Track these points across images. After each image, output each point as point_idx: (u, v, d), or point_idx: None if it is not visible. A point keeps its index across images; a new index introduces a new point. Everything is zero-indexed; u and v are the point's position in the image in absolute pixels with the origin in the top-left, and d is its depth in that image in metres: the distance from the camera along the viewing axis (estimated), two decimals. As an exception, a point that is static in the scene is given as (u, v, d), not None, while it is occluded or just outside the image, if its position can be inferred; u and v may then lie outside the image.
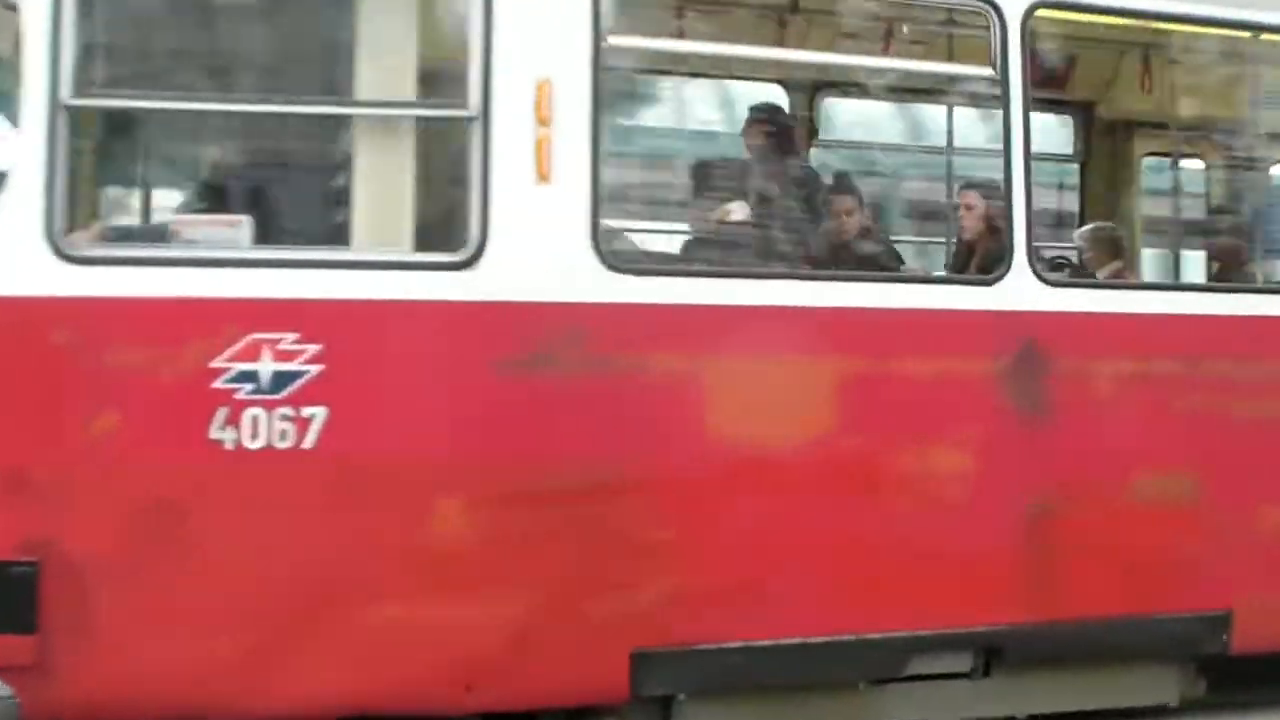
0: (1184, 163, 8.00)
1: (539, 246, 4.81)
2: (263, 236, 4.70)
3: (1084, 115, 7.96)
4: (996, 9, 5.45)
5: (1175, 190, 7.92)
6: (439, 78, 4.85)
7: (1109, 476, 5.58)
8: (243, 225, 4.63)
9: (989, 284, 5.43)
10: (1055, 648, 5.54)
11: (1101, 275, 7.06)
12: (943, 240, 7.28)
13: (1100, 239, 7.42)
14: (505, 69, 4.79)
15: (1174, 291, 6.44)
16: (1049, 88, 7.22)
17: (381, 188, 4.78)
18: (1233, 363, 5.82)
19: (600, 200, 4.89)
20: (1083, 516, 5.52)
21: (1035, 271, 5.46)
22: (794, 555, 5.11)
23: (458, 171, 4.78)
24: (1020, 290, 5.42)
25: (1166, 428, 5.72)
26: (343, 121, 4.81)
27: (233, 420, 4.53)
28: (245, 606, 4.55)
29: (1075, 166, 7.96)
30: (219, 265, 4.57)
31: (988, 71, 5.44)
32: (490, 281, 4.75)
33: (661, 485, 4.95)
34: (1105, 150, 7.99)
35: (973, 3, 5.43)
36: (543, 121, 4.84)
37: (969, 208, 6.26)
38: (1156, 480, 5.68)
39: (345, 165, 4.76)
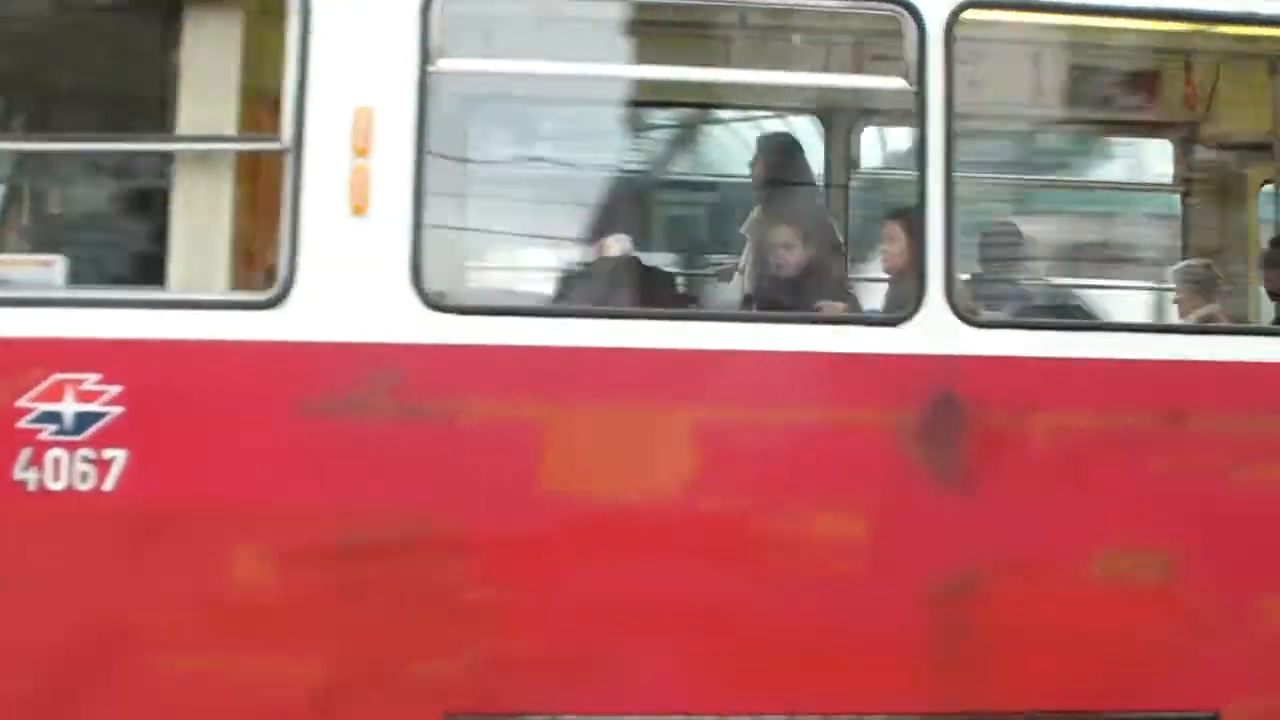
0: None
1: (352, 283, 4.61)
2: (80, 276, 4.76)
3: (1184, 138, 6.98)
4: (914, 12, 4.84)
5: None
6: (263, 110, 4.76)
7: (1051, 553, 4.81)
8: (56, 265, 4.69)
9: (894, 324, 4.81)
10: None
11: (1191, 321, 6.19)
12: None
13: (1190, 278, 6.50)
14: (321, 98, 4.60)
15: (1148, 334, 5.49)
16: (1130, 108, 6.41)
17: (199, 225, 4.72)
18: (1228, 418, 4.94)
19: (422, 235, 4.67)
20: (1014, 597, 4.80)
21: (956, 309, 4.80)
22: (641, 625, 4.66)
23: (275, 207, 4.69)
24: (935, 331, 4.77)
25: (1133, 496, 4.89)
26: (167, 158, 4.80)
27: (36, 461, 4.56)
28: (45, 651, 4.60)
29: (1175, 197, 6.99)
30: (26, 305, 4.66)
31: (901, 84, 4.85)
32: (297, 321, 4.58)
33: (485, 542, 4.62)
34: (1211, 178, 6.98)
35: (885, 6, 4.85)
36: (360, 152, 4.64)
37: (892, 239, 5.56)
38: (1119, 558, 4.88)
39: (166, 203, 4.76)
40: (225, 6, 4.70)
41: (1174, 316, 6.41)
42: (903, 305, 4.86)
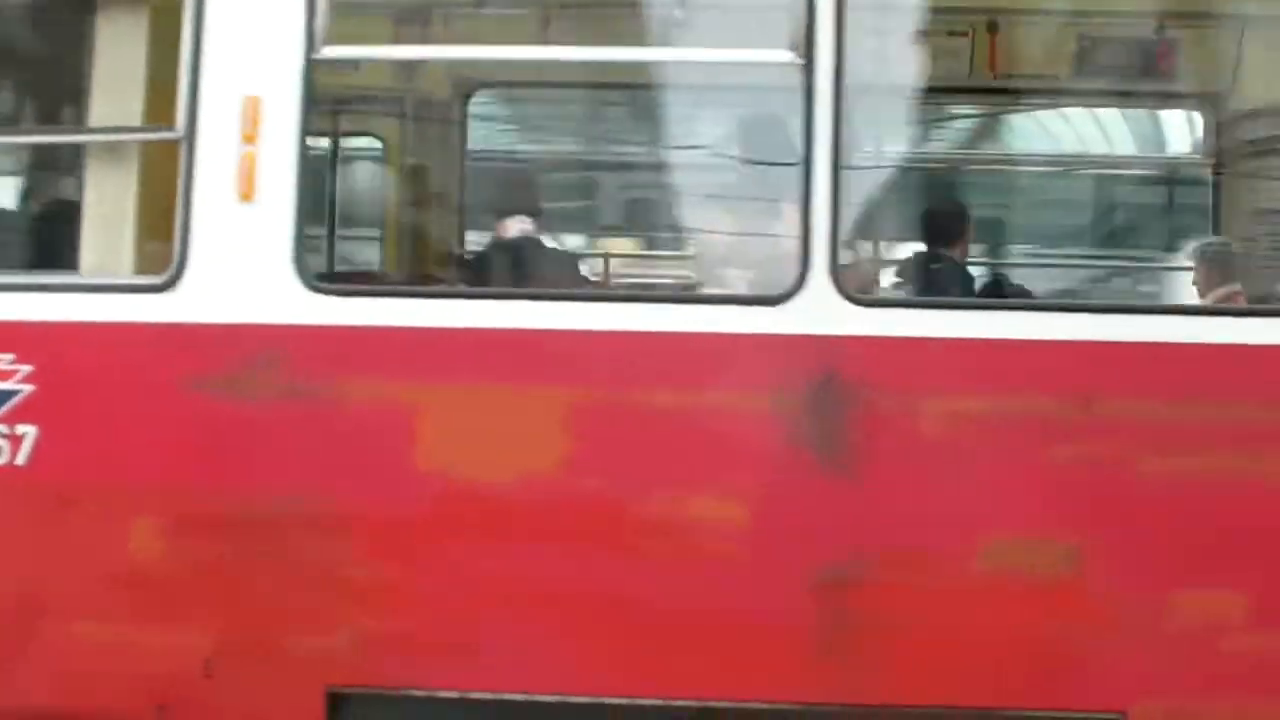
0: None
1: (240, 267, 4.79)
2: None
3: (1213, 108, 6.54)
4: None
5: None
6: (165, 102, 4.96)
7: (941, 540, 4.66)
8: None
9: (773, 303, 4.71)
10: None
11: (1210, 301, 5.87)
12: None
13: (1208, 257, 6.14)
14: (213, 87, 4.80)
15: (1050, 313, 5.16)
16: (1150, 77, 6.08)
17: (108, 213, 4.98)
18: (1140, 402, 4.66)
19: (304, 219, 4.81)
20: (900, 586, 4.65)
21: (841, 288, 4.67)
22: (518, 605, 4.72)
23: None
24: (817, 311, 4.65)
25: (1031, 484, 4.67)
26: (81, 149, 5.06)
27: None
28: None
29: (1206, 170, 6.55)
30: None
31: (789, 57, 4.72)
32: (189, 303, 4.79)
33: (364, 520, 4.74)
34: (1245, 148, 6.52)
35: None
36: (248, 140, 4.82)
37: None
38: (1014, 548, 4.66)
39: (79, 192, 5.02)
40: (132, 3, 4.98)
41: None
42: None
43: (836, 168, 4.64)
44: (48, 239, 5.29)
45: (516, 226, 5.30)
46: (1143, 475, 4.60)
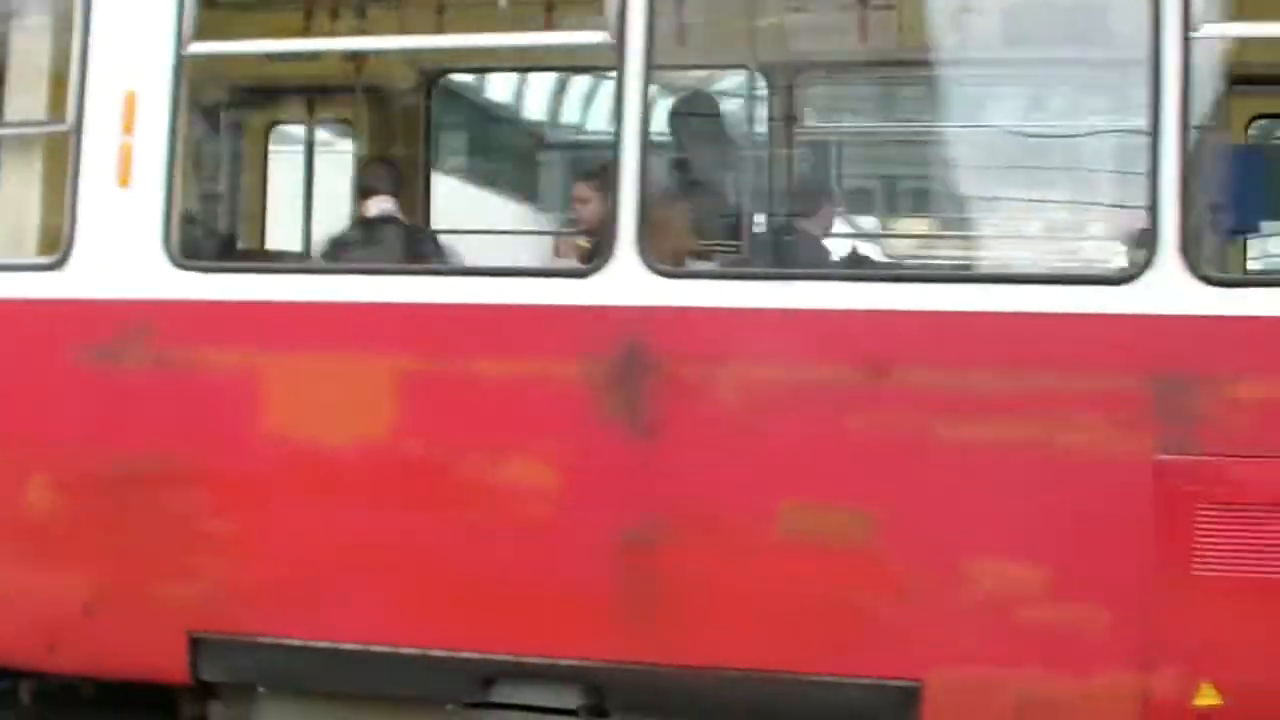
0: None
1: (117, 247, 5.28)
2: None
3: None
4: None
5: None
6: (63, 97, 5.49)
7: (735, 505, 4.78)
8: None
9: (583, 276, 4.91)
10: (671, 697, 4.86)
11: None
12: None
13: None
14: (98, 83, 5.32)
15: (847, 282, 5.12)
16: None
17: (16, 200, 5.55)
18: (932, 371, 4.67)
19: (174, 201, 5.25)
20: (697, 550, 4.79)
21: (646, 261, 4.83)
22: (355, 559, 5.05)
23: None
24: (622, 283, 4.84)
25: (828, 451, 4.75)
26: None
27: None
28: None
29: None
30: None
31: (603, 37, 4.92)
32: (74, 281, 5.31)
33: (218, 478, 5.18)
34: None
35: None
36: (127, 130, 5.29)
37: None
38: (806, 514, 4.74)
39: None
40: (39, 6, 5.53)
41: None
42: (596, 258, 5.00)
43: (645, 145, 4.86)
44: None
45: (375, 206, 5.67)
46: (938, 444, 4.68)
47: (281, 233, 6.47)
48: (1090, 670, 4.58)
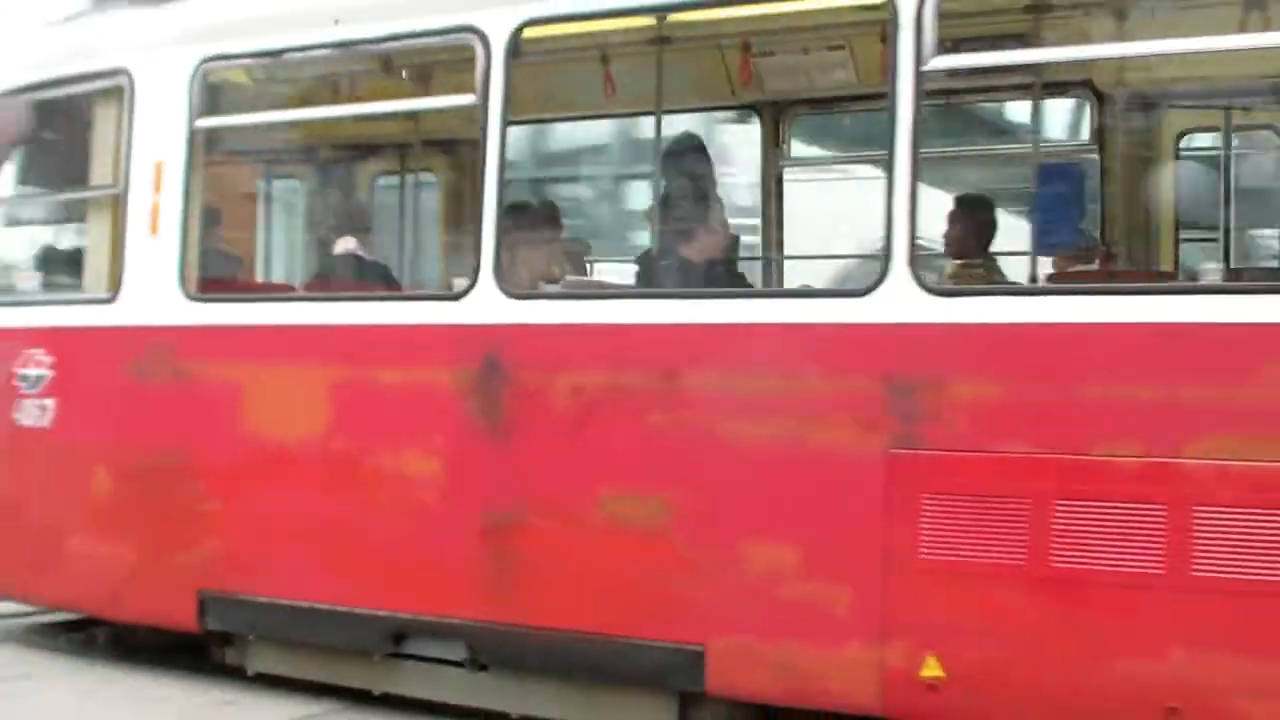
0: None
1: (149, 284, 6.69)
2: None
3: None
4: (480, 34, 5.83)
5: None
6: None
7: (568, 493, 5.64)
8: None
9: (456, 299, 5.87)
10: (527, 653, 5.75)
11: None
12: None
13: None
14: (139, 154, 6.77)
15: (649, 300, 5.65)
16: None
17: (97, 249, 7.06)
18: (714, 377, 5.32)
19: (189, 247, 6.58)
20: (541, 530, 5.68)
21: (500, 285, 5.73)
22: (304, 534, 6.27)
23: (128, 233, 6.90)
24: (483, 304, 5.78)
25: (631, 445, 5.53)
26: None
27: (18, 407, 7.22)
28: (15, 521, 7.21)
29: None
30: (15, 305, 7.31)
31: (470, 99, 5.85)
32: (122, 312, 6.78)
33: (211, 468, 6.52)
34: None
35: (456, 32, 5.88)
36: (156, 190, 6.70)
37: None
38: (619, 500, 5.51)
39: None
40: (109, 96, 7.05)
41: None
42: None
43: (501, 188, 5.80)
44: (72, 265, 7.54)
45: (342, 245, 6.82)
46: (719, 440, 5.37)
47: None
48: (837, 642, 5.18)
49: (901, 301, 5.09)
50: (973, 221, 6.11)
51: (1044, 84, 6.15)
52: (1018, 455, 4.90)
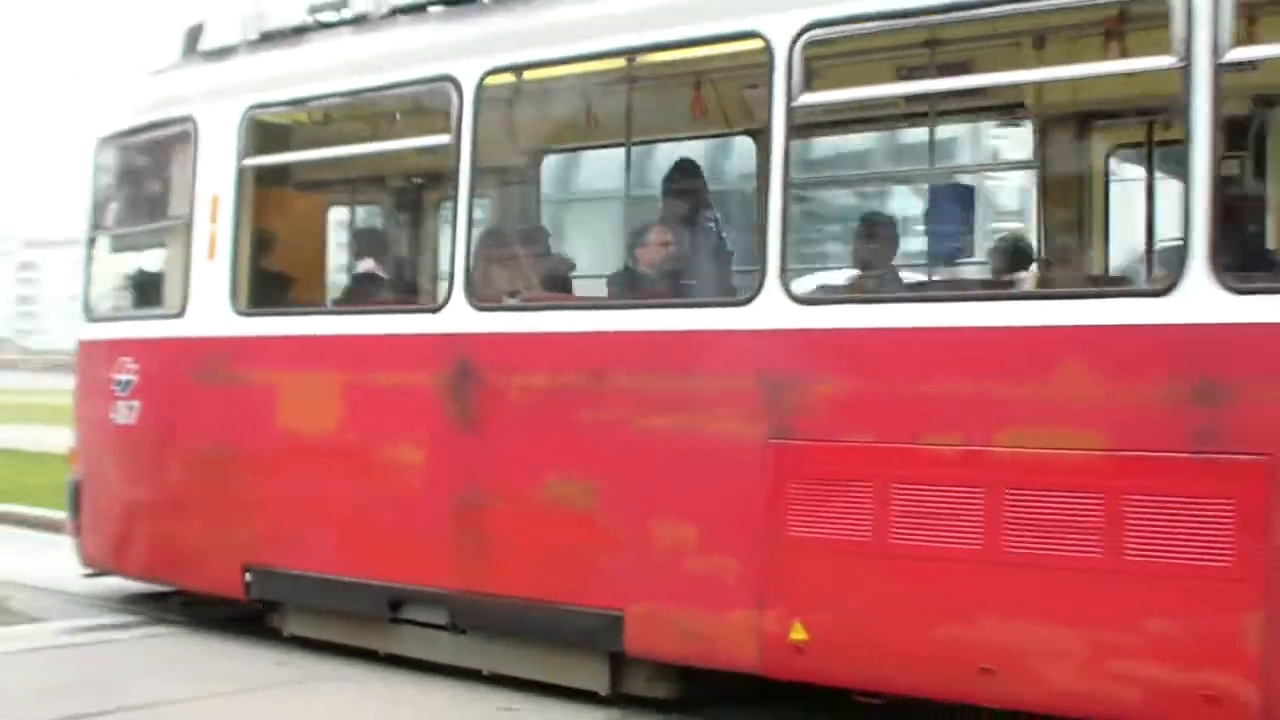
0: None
1: (208, 301, 7.80)
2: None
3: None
4: (455, 81, 6.72)
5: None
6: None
7: (520, 478, 6.54)
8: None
9: (435, 311, 6.79)
10: (491, 618, 6.65)
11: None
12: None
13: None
14: (201, 190, 7.91)
15: (582, 310, 6.35)
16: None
17: (174, 270, 8.20)
18: (631, 377, 6.09)
19: (239, 268, 7.66)
20: (501, 511, 6.59)
21: (469, 298, 6.62)
22: (323, 515, 7.31)
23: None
24: (456, 315, 6.69)
25: (568, 437, 6.40)
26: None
27: (113, 408, 8.44)
28: (114, 505, 8.43)
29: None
30: (115, 320, 8.52)
31: (446, 139, 6.76)
32: (188, 325, 7.92)
33: (255, 458, 7.58)
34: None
35: (435, 80, 6.79)
36: (213, 220, 7.81)
37: None
38: (561, 485, 6.37)
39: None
40: (182, 140, 8.21)
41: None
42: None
43: (470, 214, 6.72)
44: (155, 285, 8.73)
45: (364, 265, 7.81)
46: (635, 431, 6.16)
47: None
48: (725, 609, 5.95)
49: (774, 310, 5.84)
50: (872, 237, 6.77)
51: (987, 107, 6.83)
52: (863, 445, 5.63)
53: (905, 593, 5.53)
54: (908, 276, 6.65)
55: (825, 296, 6.15)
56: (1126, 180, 7.48)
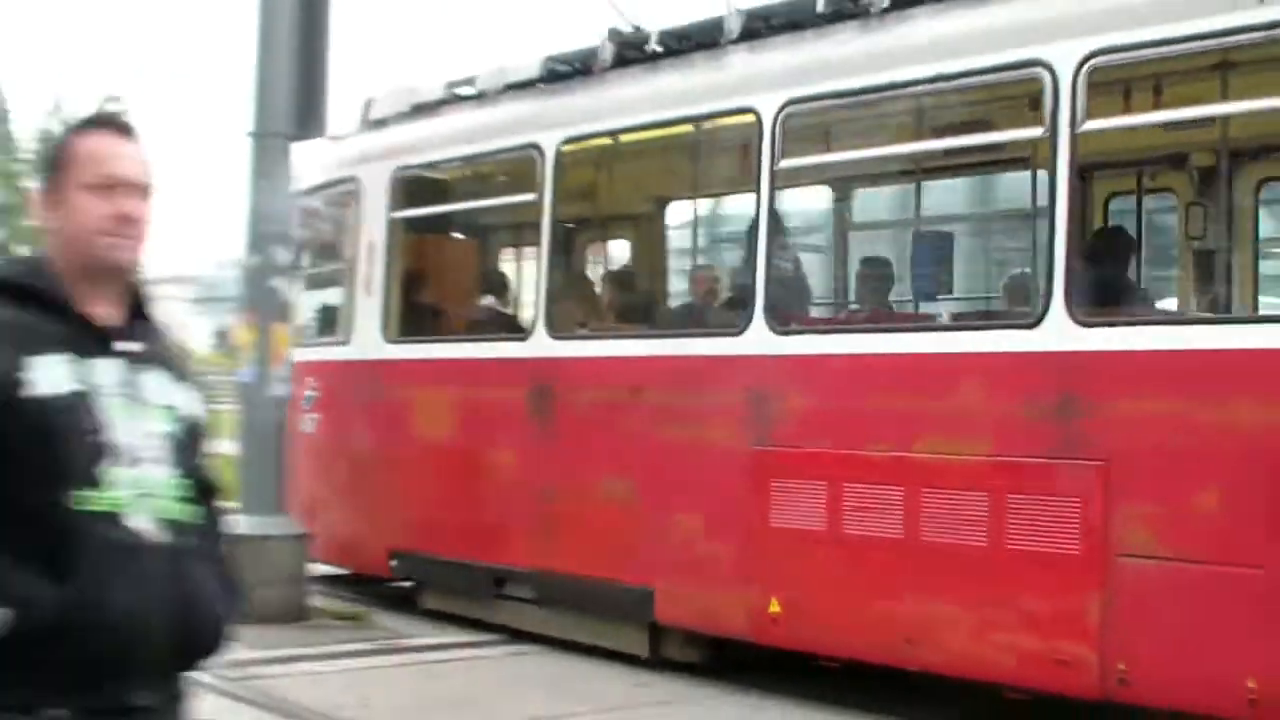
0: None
1: (366, 331, 9.44)
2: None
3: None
4: (539, 148, 8.13)
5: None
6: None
7: (582, 476, 7.82)
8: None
9: (522, 339, 8.14)
10: (561, 592, 7.96)
11: None
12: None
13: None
14: (363, 238, 9.55)
15: (623, 339, 7.54)
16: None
17: (345, 305, 9.87)
18: (661, 393, 7.33)
19: (389, 303, 9.25)
20: (567, 500, 7.95)
21: (548, 329, 8.01)
22: (444, 506, 8.78)
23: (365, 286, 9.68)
24: (538, 343, 8.12)
25: (615, 443, 7.64)
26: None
27: (303, 421, 10.18)
28: (306, 503, 10.13)
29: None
30: (304, 346, 10.28)
31: (532, 197, 8.16)
32: (352, 351, 9.59)
33: (395, 460, 9.13)
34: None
35: (522, 148, 8.21)
36: (368, 263, 9.44)
37: None
38: (610, 482, 7.66)
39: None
40: (349, 196, 9.89)
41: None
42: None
43: (555, 251, 8.14)
44: (333, 317, 10.42)
45: (486, 300, 9.28)
46: (660, 438, 7.43)
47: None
48: (722, 587, 7.19)
49: (759, 339, 7.07)
50: (869, 277, 7.88)
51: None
52: (820, 451, 6.79)
53: (850, 575, 6.70)
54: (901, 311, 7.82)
55: (799, 328, 7.34)
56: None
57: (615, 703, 7.22)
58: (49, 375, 2.39)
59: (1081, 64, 6.03)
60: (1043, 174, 6.43)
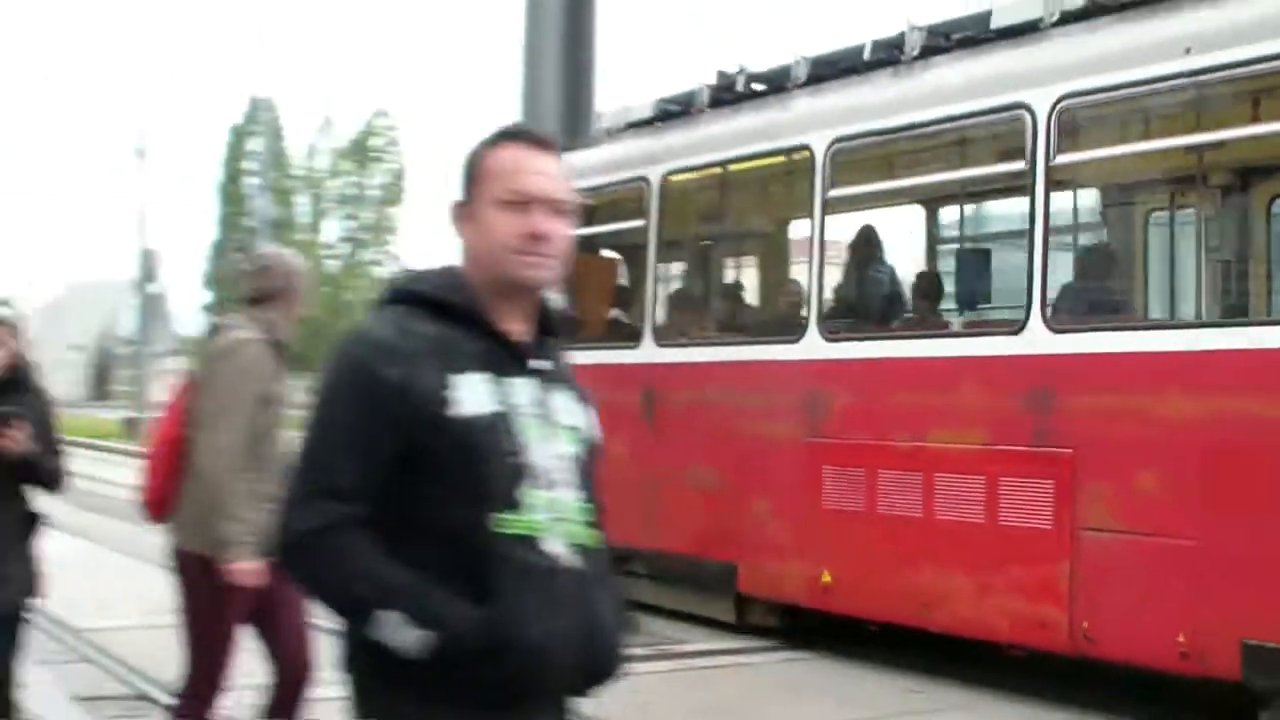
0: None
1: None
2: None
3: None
4: (647, 181, 9.28)
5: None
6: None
7: (680, 465, 8.97)
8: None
9: (632, 347, 9.31)
10: (663, 568, 9.09)
11: None
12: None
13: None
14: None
15: (708, 345, 8.48)
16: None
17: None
18: (733, 395, 8.42)
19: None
20: (669, 488, 9.09)
21: (655, 338, 9.19)
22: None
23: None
24: (646, 350, 9.31)
25: (703, 437, 8.73)
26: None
27: None
28: None
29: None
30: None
31: (641, 223, 9.32)
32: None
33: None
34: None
35: (631, 181, 9.36)
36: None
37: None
38: (699, 470, 8.77)
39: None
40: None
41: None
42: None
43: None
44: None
45: (613, 314, 10.44)
46: (738, 432, 8.54)
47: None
48: (783, 559, 8.27)
49: (814, 345, 8.13)
50: (917, 288, 8.86)
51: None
52: (860, 442, 7.82)
53: (882, 548, 7.74)
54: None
55: (847, 335, 8.35)
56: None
57: (890, 709, 7.29)
58: (473, 394, 2.39)
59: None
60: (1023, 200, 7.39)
